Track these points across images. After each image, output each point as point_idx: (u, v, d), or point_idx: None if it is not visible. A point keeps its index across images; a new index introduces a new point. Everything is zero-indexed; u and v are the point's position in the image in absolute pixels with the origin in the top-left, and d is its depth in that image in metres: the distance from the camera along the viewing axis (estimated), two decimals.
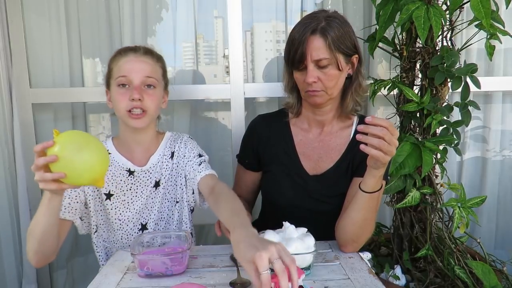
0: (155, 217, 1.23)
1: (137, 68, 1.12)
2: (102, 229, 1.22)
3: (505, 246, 1.98)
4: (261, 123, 1.33)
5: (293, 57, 1.13)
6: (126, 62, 1.13)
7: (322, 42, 1.10)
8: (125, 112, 1.12)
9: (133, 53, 1.14)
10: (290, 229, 0.97)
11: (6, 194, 1.74)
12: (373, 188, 1.01)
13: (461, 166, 1.99)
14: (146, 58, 1.15)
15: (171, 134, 1.30)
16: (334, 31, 1.10)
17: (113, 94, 1.14)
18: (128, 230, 1.21)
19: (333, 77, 1.13)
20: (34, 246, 1.01)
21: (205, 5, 1.84)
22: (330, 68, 1.12)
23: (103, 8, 1.79)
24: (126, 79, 1.11)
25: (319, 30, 1.10)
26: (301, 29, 1.12)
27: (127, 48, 1.17)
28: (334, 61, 1.11)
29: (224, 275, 0.97)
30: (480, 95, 1.89)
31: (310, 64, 1.11)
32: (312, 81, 1.12)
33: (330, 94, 1.16)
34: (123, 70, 1.12)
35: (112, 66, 1.16)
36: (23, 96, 1.74)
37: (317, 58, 1.10)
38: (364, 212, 1.05)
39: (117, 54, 1.16)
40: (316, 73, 1.12)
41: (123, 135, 1.22)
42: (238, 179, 1.40)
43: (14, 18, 1.71)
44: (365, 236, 1.09)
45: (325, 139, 1.25)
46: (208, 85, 1.87)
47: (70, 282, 1.93)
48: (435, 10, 1.25)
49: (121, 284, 0.94)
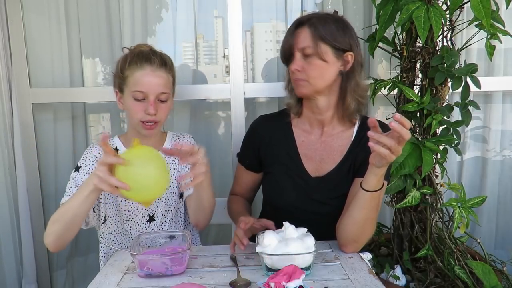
0: (162, 208, 1.27)
1: (154, 83, 1.16)
2: (110, 221, 1.26)
3: (505, 246, 1.98)
4: (262, 124, 1.33)
5: (284, 48, 1.18)
6: (143, 76, 1.15)
7: (307, 31, 1.13)
8: (139, 122, 1.18)
9: (149, 66, 1.16)
10: (290, 229, 0.97)
11: (6, 194, 1.74)
12: (375, 187, 1.01)
13: (461, 166, 1.99)
14: (161, 72, 1.18)
15: (173, 133, 1.37)
16: (322, 23, 1.13)
17: (128, 103, 1.19)
18: (137, 221, 1.26)
19: (317, 67, 1.14)
20: (59, 231, 1.05)
21: (205, 5, 1.84)
22: (314, 58, 1.13)
23: (103, 8, 1.79)
24: (142, 94, 1.16)
25: (306, 22, 1.14)
26: (291, 26, 1.17)
27: (142, 57, 1.17)
28: (316, 50, 1.12)
29: (224, 275, 0.97)
30: (480, 95, 1.89)
31: (297, 54, 1.15)
32: (295, 69, 1.15)
33: (314, 85, 1.16)
34: (140, 85, 1.15)
35: (126, 73, 1.17)
36: (23, 96, 1.74)
37: (301, 46, 1.13)
38: (365, 211, 1.04)
39: (132, 62, 1.17)
40: (301, 63, 1.15)
41: (131, 134, 1.27)
42: (238, 178, 1.40)
43: (14, 18, 1.71)
44: (365, 236, 1.09)
45: (326, 140, 1.25)
46: (208, 85, 1.87)
47: (70, 282, 1.93)
48: (435, 10, 1.25)
49: (121, 284, 0.94)
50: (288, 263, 0.87)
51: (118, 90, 1.23)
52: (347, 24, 1.17)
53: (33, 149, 1.79)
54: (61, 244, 1.09)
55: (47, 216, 1.84)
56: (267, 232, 0.99)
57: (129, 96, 1.18)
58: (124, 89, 1.20)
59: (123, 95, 1.21)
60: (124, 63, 1.18)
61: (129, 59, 1.18)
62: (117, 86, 1.23)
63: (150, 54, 1.19)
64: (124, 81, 1.18)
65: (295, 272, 0.84)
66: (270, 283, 0.82)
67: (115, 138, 1.30)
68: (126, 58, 1.19)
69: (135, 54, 1.19)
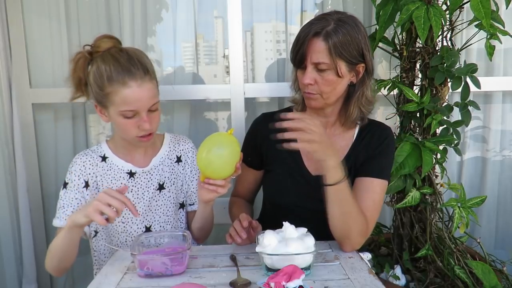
0: (160, 219, 1.23)
1: (143, 99, 1.06)
2: (101, 235, 1.22)
3: (505, 246, 1.98)
4: (264, 122, 1.33)
5: (295, 56, 1.13)
6: (130, 94, 1.04)
7: (323, 46, 1.08)
8: (135, 137, 1.11)
9: (134, 81, 1.04)
10: (290, 229, 0.97)
11: (6, 194, 1.74)
12: (333, 179, 1.02)
13: (461, 166, 1.99)
14: (146, 83, 1.06)
15: (170, 136, 1.30)
16: (339, 37, 1.07)
17: (117, 120, 1.08)
18: (132, 233, 1.21)
19: (331, 82, 1.11)
20: (54, 263, 1.10)
21: (205, 5, 1.84)
22: (328, 73, 1.10)
23: (103, 8, 1.79)
24: (133, 112, 1.06)
25: (323, 33, 1.08)
26: (307, 29, 1.10)
27: (122, 71, 1.04)
28: (333, 66, 1.09)
29: (224, 275, 0.97)
30: (480, 95, 1.89)
31: (309, 66, 1.11)
32: (308, 83, 1.11)
33: (326, 99, 1.14)
34: (129, 104, 1.04)
35: (108, 90, 1.04)
36: (23, 96, 1.74)
37: (316, 61, 1.09)
38: (337, 206, 1.05)
39: (112, 79, 1.04)
40: (314, 76, 1.11)
41: (121, 139, 1.19)
42: (240, 177, 1.40)
43: (14, 18, 1.71)
44: (354, 231, 1.07)
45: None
46: (208, 85, 1.87)
47: (70, 282, 1.93)
48: (435, 10, 1.25)
49: (121, 284, 0.94)
50: (288, 263, 0.87)
51: (97, 103, 1.10)
52: (361, 31, 1.11)
53: (33, 149, 1.79)
54: (62, 270, 1.13)
55: (47, 216, 1.84)
56: (267, 232, 0.99)
57: (116, 114, 1.07)
58: (107, 105, 1.07)
59: (107, 110, 1.09)
60: (100, 78, 1.05)
61: (106, 74, 1.04)
62: (93, 98, 1.09)
63: (129, 64, 1.05)
64: (106, 98, 1.06)
65: (295, 272, 0.84)
66: (270, 283, 0.82)
67: (103, 144, 1.22)
68: (101, 72, 1.05)
69: (110, 66, 1.04)
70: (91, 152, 1.20)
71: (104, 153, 1.20)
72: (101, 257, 1.23)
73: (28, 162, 1.77)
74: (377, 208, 1.15)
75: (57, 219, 1.14)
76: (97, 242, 1.22)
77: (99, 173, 1.18)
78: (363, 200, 1.12)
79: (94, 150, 1.21)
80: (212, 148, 0.99)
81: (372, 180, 1.15)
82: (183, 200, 1.29)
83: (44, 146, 1.83)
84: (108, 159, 1.19)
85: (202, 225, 1.22)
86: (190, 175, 1.28)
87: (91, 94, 1.11)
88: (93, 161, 1.18)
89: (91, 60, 1.10)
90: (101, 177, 1.18)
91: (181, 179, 1.27)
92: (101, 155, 1.20)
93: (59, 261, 1.08)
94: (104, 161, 1.19)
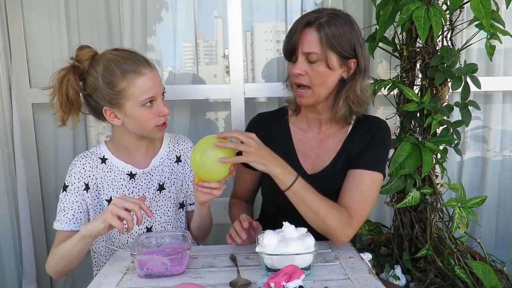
0: (161, 220, 1.23)
1: (157, 84, 1.11)
2: (101, 236, 1.20)
3: (505, 246, 1.98)
4: (260, 121, 1.33)
5: (286, 46, 1.13)
6: (147, 80, 1.07)
7: (315, 36, 1.08)
8: (154, 128, 1.12)
9: (146, 68, 1.09)
10: (290, 229, 0.97)
11: (6, 194, 1.74)
12: (284, 184, 1.04)
13: (461, 166, 1.99)
14: (153, 68, 1.11)
15: (170, 135, 1.30)
16: (331, 29, 1.08)
17: (137, 114, 1.09)
18: (133, 233, 1.21)
19: (321, 74, 1.11)
20: (59, 268, 1.10)
21: (205, 5, 1.84)
22: (319, 65, 1.10)
23: (103, 8, 1.79)
24: (152, 99, 1.09)
25: (315, 24, 1.09)
26: (299, 20, 1.12)
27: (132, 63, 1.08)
28: (324, 58, 1.09)
29: (224, 275, 0.96)
30: (480, 95, 1.89)
31: (300, 56, 1.11)
32: (298, 73, 1.11)
33: (317, 93, 1.14)
34: (147, 90, 1.07)
35: (122, 86, 1.06)
36: (23, 96, 1.74)
37: (307, 51, 1.09)
38: (303, 206, 1.06)
39: (125, 72, 1.06)
40: (305, 67, 1.11)
41: (121, 140, 1.19)
42: (238, 178, 1.40)
43: (14, 18, 1.71)
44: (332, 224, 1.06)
45: (323, 139, 1.25)
46: (208, 85, 1.87)
47: (70, 282, 1.93)
48: (435, 10, 1.25)
49: (121, 284, 0.94)
50: (288, 263, 0.87)
51: (109, 106, 1.10)
52: (353, 27, 1.12)
53: (33, 149, 1.79)
54: (66, 272, 1.13)
55: (47, 216, 1.84)
56: (267, 232, 0.99)
57: (137, 107, 1.08)
58: (123, 103, 1.08)
59: (122, 109, 1.09)
60: (112, 76, 1.06)
61: (118, 69, 1.06)
62: (107, 103, 1.09)
63: (135, 56, 1.10)
64: (120, 95, 1.07)
65: (295, 272, 0.83)
66: (270, 283, 0.82)
67: (102, 145, 1.21)
68: (111, 69, 1.06)
69: (120, 61, 1.07)
70: (90, 154, 1.19)
71: (104, 155, 1.20)
72: (101, 258, 1.23)
73: (27, 161, 1.77)
74: (366, 200, 1.12)
75: (58, 222, 1.14)
76: (97, 243, 1.22)
77: (99, 175, 1.18)
78: (350, 192, 1.12)
79: (93, 152, 1.20)
80: (206, 150, 0.98)
81: (362, 172, 1.14)
82: (183, 200, 1.29)
83: (44, 146, 1.83)
84: (108, 160, 1.19)
85: (200, 225, 1.22)
86: (189, 175, 1.28)
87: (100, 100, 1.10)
88: (92, 163, 1.18)
89: (86, 69, 1.11)
90: (101, 179, 1.18)
91: (181, 179, 1.28)
92: (100, 156, 1.19)
93: (65, 266, 1.09)
94: (104, 162, 1.19)
